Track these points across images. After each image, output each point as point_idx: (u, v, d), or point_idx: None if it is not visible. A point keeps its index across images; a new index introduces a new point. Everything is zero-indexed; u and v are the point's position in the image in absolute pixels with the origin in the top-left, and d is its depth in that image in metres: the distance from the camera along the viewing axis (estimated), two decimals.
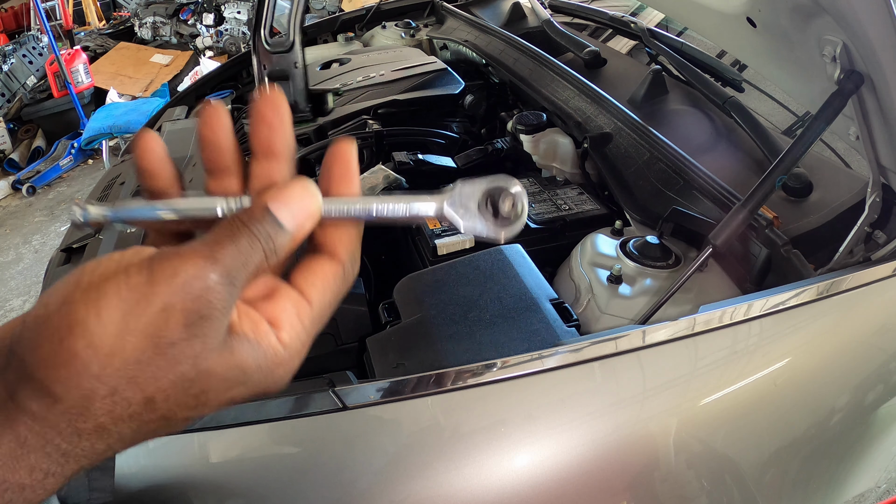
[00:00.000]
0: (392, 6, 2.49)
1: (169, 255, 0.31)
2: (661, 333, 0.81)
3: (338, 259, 0.38)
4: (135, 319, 0.29)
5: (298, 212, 0.34)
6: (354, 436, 0.73)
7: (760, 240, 0.96)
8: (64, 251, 1.39)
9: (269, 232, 0.33)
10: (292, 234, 0.34)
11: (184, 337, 0.30)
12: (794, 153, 0.95)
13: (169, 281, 0.30)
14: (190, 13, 5.81)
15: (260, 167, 0.37)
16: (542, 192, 1.32)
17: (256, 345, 0.33)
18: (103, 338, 0.29)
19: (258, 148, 0.37)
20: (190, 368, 0.31)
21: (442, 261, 1.07)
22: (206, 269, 0.31)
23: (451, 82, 1.69)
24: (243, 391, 0.34)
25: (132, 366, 0.30)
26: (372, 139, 1.48)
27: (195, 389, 0.32)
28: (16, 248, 3.79)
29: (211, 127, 0.37)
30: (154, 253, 0.31)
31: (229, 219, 0.33)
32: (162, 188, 0.37)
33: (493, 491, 0.73)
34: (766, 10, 1.08)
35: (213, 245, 0.32)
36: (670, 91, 1.52)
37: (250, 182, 0.38)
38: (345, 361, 0.95)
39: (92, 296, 0.30)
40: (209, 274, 0.31)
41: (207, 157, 0.38)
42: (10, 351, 0.31)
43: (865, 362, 0.94)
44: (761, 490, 0.90)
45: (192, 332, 0.30)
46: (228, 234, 0.32)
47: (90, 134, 4.12)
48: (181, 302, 0.30)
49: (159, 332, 0.30)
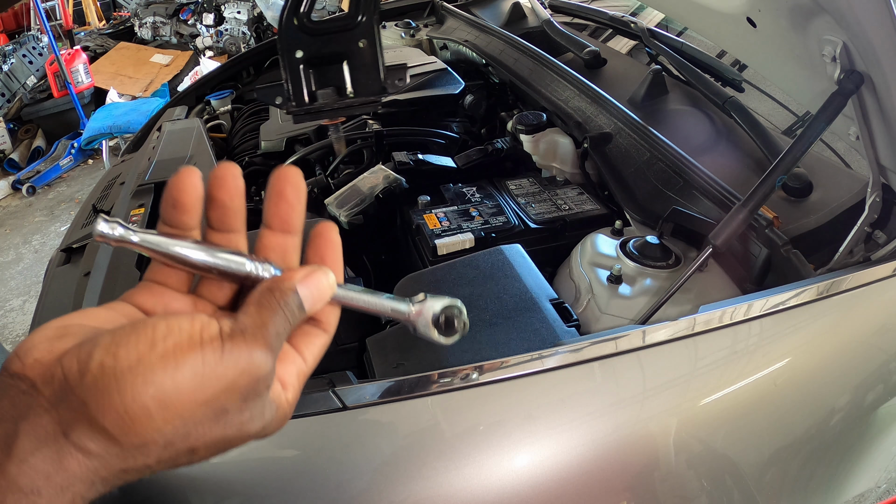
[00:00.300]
0: (392, 6, 2.49)
1: (237, 339, 0.35)
2: (661, 333, 0.81)
3: (329, 331, 0.44)
4: (203, 391, 0.34)
5: (318, 297, 0.40)
6: (354, 436, 0.73)
7: (760, 240, 0.96)
8: (64, 251, 1.39)
9: (294, 311, 0.39)
10: (308, 314, 0.40)
11: (238, 409, 0.36)
12: (794, 153, 0.95)
13: (237, 364, 0.35)
14: (190, 13, 5.81)
15: (275, 239, 0.43)
16: (542, 192, 1.32)
17: (277, 407, 0.39)
18: (174, 401, 0.34)
19: (275, 222, 0.43)
20: (235, 432, 0.37)
21: (442, 261, 1.07)
22: (268, 356, 0.36)
23: (451, 82, 1.69)
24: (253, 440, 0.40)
25: (190, 426, 0.35)
26: (372, 139, 1.48)
27: (230, 445, 0.38)
28: (16, 248, 3.79)
29: (227, 191, 0.41)
30: (223, 331, 0.35)
31: (266, 297, 0.38)
32: (186, 224, 0.40)
33: (493, 491, 0.73)
34: (766, 10, 1.08)
35: (262, 328, 0.37)
36: (670, 91, 1.52)
37: (264, 251, 0.43)
38: (345, 361, 0.95)
39: (170, 363, 0.34)
40: (269, 361, 0.36)
41: (217, 217, 0.42)
42: (68, 388, 0.33)
43: (865, 362, 0.94)
44: (761, 490, 0.90)
45: (245, 405, 0.36)
46: (270, 315, 0.37)
47: (90, 134, 4.12)
48: (244, 382, 0.36)
49: (221, 403, 0.35)
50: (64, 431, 0.33)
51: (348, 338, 0.96)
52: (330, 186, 1.39)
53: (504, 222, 1.19)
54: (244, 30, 5.49)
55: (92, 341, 0.34)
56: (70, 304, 1.11)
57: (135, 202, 1.33)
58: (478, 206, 1.25)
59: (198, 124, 1.69)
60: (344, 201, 1.26)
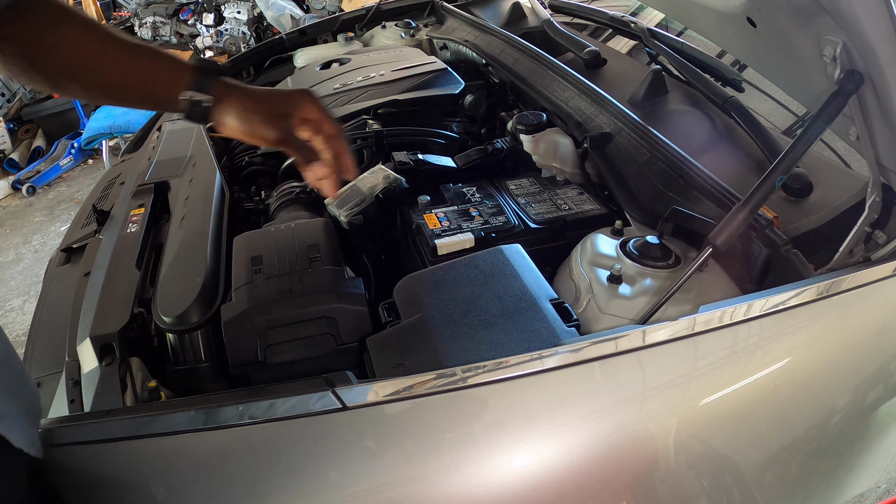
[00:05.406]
0: (392, 6, 2.49)
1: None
2: (661, 333, 0.81)
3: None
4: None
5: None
6: (354, 436, 0.73)
7: (760, 240, 0.96)
8: (64, 251, 1.39)
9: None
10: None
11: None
12: (794, 153, 0.95)
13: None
14: (190, 13, 5.80)
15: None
16: (542, 192, 1.32)
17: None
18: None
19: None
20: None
21: (442, 261, 1.07)
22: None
23: (451, 82, 1.69)
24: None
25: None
26: (372, 139, 1.48)
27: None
28: (16, 248, 3.79)
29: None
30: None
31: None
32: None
33: (493, 491, 0.73)
34: (766, 10, 1.08)
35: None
36: (670, 91, 1.52)
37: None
38: (345, 361, 0.95)
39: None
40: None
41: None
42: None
43: (865, 362, 0.94)
44: (761, 490, 0.90)
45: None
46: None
47: (90, 134, 4.11)
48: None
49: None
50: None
51: (348, 338, 0.96)
52: None
53: (504, 222, 1.19)
54: (244, 30, 5.49)
55: None
56: (70, 304, 1.11)
57: (135, 202, 1.33)
58: (478, 206, 1.25)
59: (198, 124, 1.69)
60: (344, 201, 1.26)
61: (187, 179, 1.38)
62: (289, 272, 1.01)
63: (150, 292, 1.07)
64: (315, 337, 0.96)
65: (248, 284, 1.00)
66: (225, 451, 0.72)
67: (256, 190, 1.53)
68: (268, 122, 0.87)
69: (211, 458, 0.72)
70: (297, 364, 0.95)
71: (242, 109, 0.86)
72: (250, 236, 1.13)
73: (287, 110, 0.88)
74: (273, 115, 0.87)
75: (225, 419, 0.73)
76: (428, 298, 0.92)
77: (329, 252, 1.06)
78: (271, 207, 1.38)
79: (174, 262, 1.09)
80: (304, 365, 0.95)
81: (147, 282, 1.10)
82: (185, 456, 0.72)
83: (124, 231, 1.23)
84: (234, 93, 0.86)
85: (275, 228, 1.15)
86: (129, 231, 1.22)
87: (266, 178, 1.58)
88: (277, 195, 1.39)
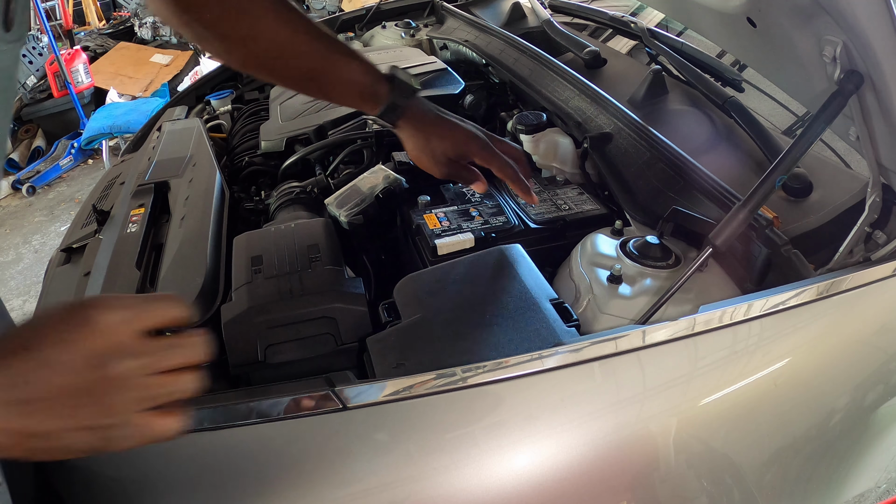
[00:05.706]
0: (392, 6, 2.49)
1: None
2: (661, 333, 0.81)
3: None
4: None
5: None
6: (354, 436, 0.73)
7: (760, 240, 0.96)
8: (64, 251, 1.39)
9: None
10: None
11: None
12: (794, 153, 0.95)
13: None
14: None
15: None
16: (542, 192, 1.32)
17: None
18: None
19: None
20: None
21: (442, 261, 1.07)
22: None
23: (451, 82, 1.69)
24: None
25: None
26: (372, 139, 1.48)
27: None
28: (16, 248, 3.79)
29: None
30: None
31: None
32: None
33: (492, 491, 0.73)
34: (766, 10, 1.08)
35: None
36: (670, 91, 1.52)
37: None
38: (345, 361, 0.95)
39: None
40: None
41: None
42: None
43: (865, 362, 0.94)
44: (761, 490, 0.90)
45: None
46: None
47: (90, 134, 4.12)
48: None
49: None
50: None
51: (348, 338, 0.96)
52: (330, 186, 1.39)
53: (504, 222, 1.19)
54: None
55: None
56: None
57: (135, 202, 1.33)
58: (478, 206, 1.25)
59: (198, 124, 1.69)
60: (344, 201, 1.26)
61: (187, 179, 1.38)
62: (289, 272, 1.01)
63: (150, 292, 1.07)
64: (315, 337, 0.95)
65: (248, 284, 1.00)
66: (225, 451, 0.72)
67: (256, 190, 1.53)
68: (436, 163, 1.01)
69: (211, 457, 0.72)
70: (297, 364, 0.95)
71: (423, 142, 1.00)
72: (250, 236, 1.13)
73: (458, 154, 1.01)
74: (444, 159, 1.00)
75: (225, 419, 0.73)
76: (428, 298, 0.92)
77: (329, 252, 1.06)
78: (271, 207, 1.38)
79: (174, 262, 1.09)
80: (304, 365, 0.95)
81: (147, 282, 1.10)
82: (185, 455, 0.72)
83: (124, 231, 1.23)
84: (419, 127, 1.00)
85: (275, 228, 1.15)
86: (129, 231, 1.22)
87: (266, 178, 1.58)
88: (277, 195, 1.39)
